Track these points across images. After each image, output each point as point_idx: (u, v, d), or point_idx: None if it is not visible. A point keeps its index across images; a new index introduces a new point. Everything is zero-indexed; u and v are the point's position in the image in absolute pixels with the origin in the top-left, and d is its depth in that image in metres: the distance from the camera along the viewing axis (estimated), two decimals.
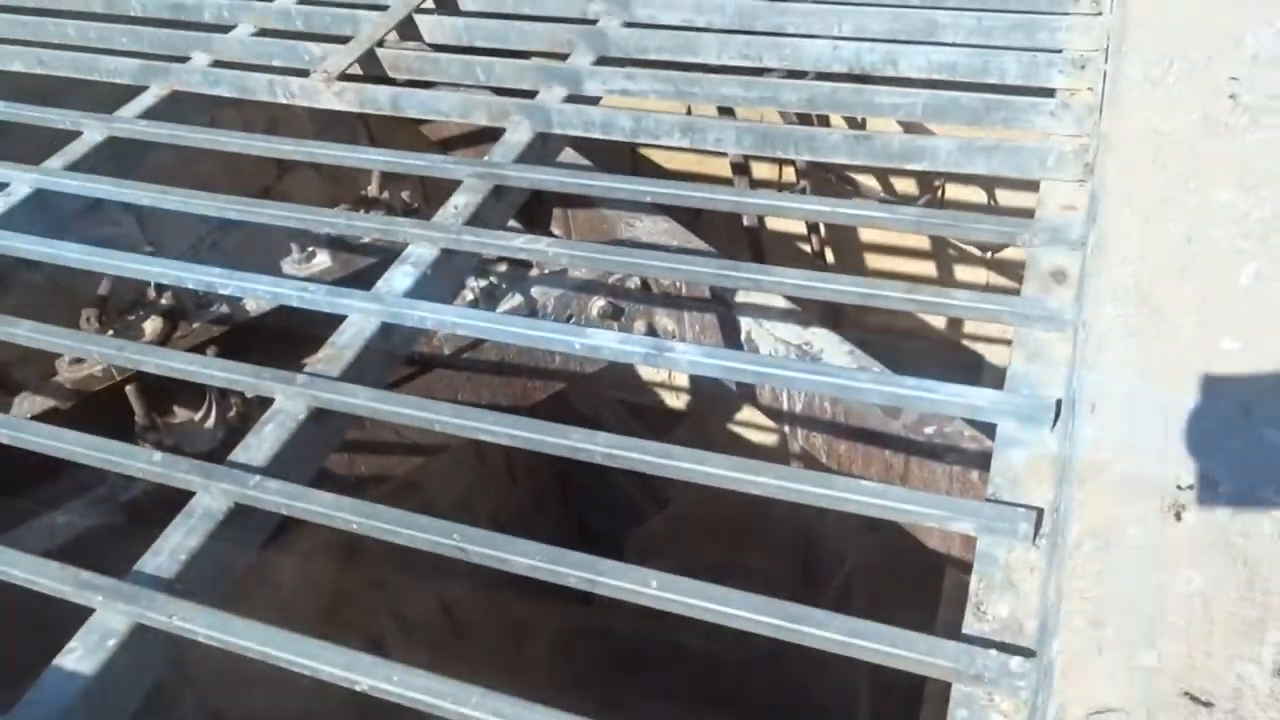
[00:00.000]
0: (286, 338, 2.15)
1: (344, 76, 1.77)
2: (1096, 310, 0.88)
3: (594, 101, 1.72)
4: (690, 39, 1.77)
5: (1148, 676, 0.61)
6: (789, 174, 3.59)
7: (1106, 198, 0.99)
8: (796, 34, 1.74)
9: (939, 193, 3.31)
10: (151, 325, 2.11)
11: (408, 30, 1.92)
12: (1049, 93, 1.53)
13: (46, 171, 1.66)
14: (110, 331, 1.92)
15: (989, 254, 3.37)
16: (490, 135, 2.34)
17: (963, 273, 3.73)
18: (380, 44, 1.83)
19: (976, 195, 3.39)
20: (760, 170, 3.60)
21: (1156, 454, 0.74)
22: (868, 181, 3.45)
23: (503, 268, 2.49)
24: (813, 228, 3.62)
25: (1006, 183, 3.32)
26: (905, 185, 3.48)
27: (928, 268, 3.74)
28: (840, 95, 1.57)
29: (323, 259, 2.37)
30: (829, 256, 3.76)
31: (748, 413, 4.33)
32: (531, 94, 1.73)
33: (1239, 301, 0.83)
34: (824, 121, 3.04)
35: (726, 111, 2.79)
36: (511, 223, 1.97)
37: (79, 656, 1.00)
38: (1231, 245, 0.87)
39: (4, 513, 1.99)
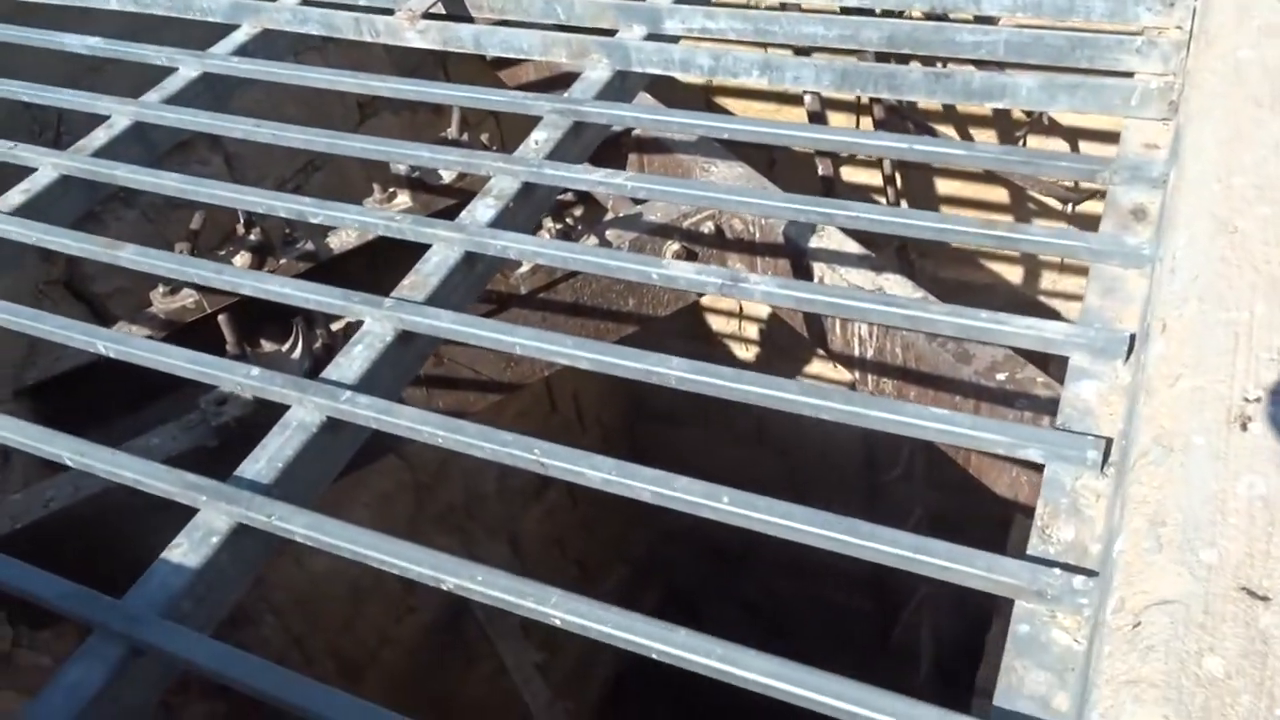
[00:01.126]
0: (369, 275, 2.22)
1: (427, 15, 1.80)
2: (1171, 235, 0.88)
3: (674, 40, 1.73)
4: None
5: (1207, 572, 0.62)
6: (866, 125, 3.55)
7: (1188, 124, 0.98)
8: None
9: (1021, 144, 3.25)
10: (240, 260, 2.19)
11: None
12: (1136, 32, 1.50)
13: (145, 105, 1.73)
14: None
15: (1069, 207, 3.31)
16: (567, 83, 2.37)
17: (1042, 226, 3.67)
18: None
19: (1060, 147, 3.32)
20: (837, 121, 3.57)
21: (1225, 368, 0.75)
22: (948, 133, 3.41)
23: (579, 211, 2.53)
24: (889, 179, 3.59)
25: (1090, 135, 3.25)
26: (985, 137, 3.43)
27: (1005, 220, 3.69)
28: (920, 33, 1.56)
29: (403, 199, 2.43)
30: (904, 208, 3.72)
31: (817, 365, 4.33)
32: (611, 33, 1.75)
33: None
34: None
35: (804, 53, 2.78)
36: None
37: (184, 551, 1.06)
38: None
39: (100, 436, 2.11)
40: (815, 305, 1.17)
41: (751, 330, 4.50)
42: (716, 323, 4.55)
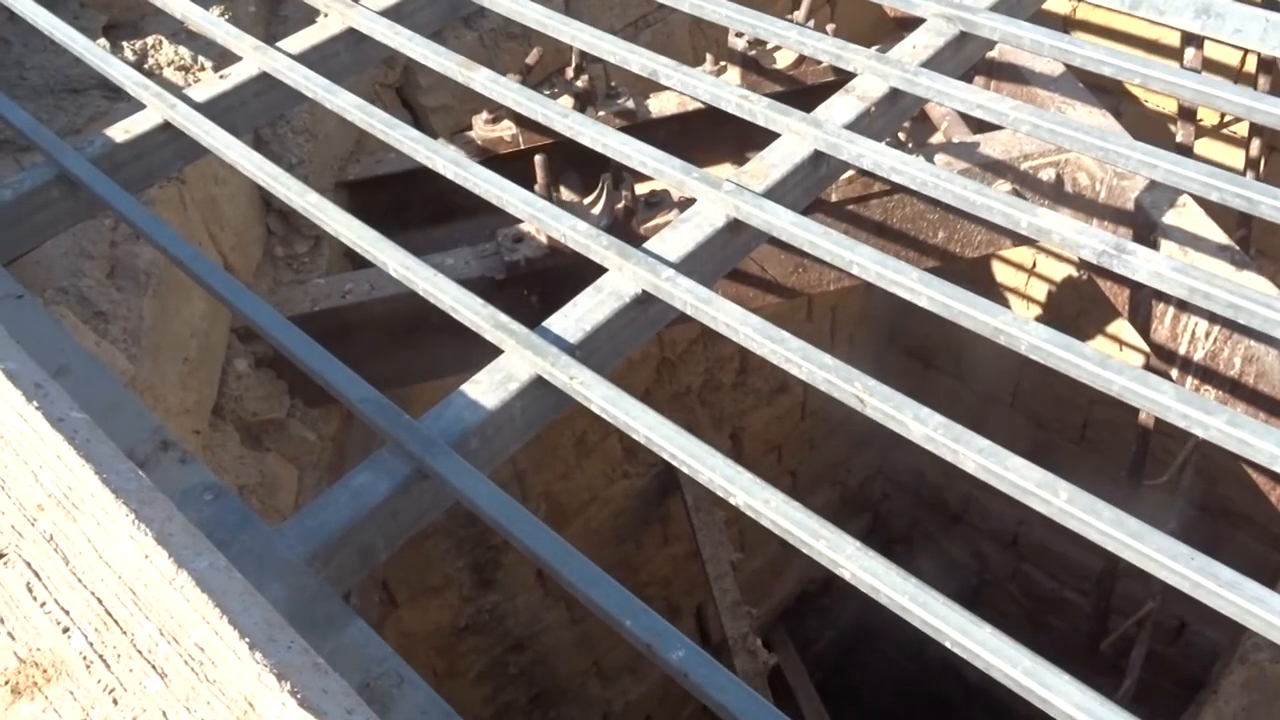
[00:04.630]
0: (674, 147, 2.16)
1: None
2: None
3: None
4: None
5: None
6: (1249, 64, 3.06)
7: None
8: None
9: None
10: (562, 103, 2.18)
11: None
12: None
13: None
14: None
15: None
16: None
17: None
18: None
19: None
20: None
21: None
22: None
23: (907, 126, 2.35)
24: (1252, 163, 3.15)
25: None
26: None
27: None
28: None
29: (732, 76, 2.34)
30: None
31: (1102, 343, 3.98)
32: None
33: None
34: None
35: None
36: None
37: (482, 390, 1.06)
38: None
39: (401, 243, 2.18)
40: (1216, 303, 1.00)
41: (1039, 290, 4.18)
42: (1003, 273, 4.25)
